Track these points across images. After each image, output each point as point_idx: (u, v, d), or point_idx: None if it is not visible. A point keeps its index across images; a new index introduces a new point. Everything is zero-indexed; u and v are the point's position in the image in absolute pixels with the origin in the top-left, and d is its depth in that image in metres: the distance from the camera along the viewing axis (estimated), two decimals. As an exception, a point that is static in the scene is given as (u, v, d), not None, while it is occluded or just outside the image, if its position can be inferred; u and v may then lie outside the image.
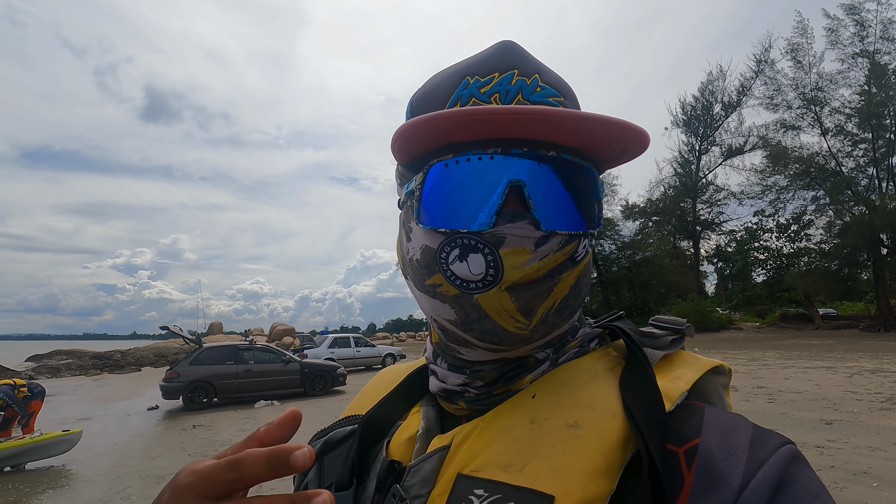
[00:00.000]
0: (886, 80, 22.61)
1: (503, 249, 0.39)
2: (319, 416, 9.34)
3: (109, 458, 6.79)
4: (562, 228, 0.41)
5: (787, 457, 0.36)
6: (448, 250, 0.41)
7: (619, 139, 0.40)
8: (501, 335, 0.41)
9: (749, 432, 0.38)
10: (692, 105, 33.92)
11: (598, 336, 0.51)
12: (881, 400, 7.67)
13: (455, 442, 0.43)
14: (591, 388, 0.43)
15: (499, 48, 0.45)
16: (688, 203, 34.33)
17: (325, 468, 0.52)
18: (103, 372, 23.23)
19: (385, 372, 0.62)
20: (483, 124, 0.38)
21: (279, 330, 33.96)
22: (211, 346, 12.20)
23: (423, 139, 0.41)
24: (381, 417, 0.51)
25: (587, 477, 0.36)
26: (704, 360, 0.46)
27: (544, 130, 0.38)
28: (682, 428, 0.39)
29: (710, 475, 0.35)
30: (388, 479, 0.44)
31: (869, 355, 13.99)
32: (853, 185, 24.36)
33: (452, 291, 0.42)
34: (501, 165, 0.40)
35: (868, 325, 23.21)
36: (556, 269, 0.41)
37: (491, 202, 0.40)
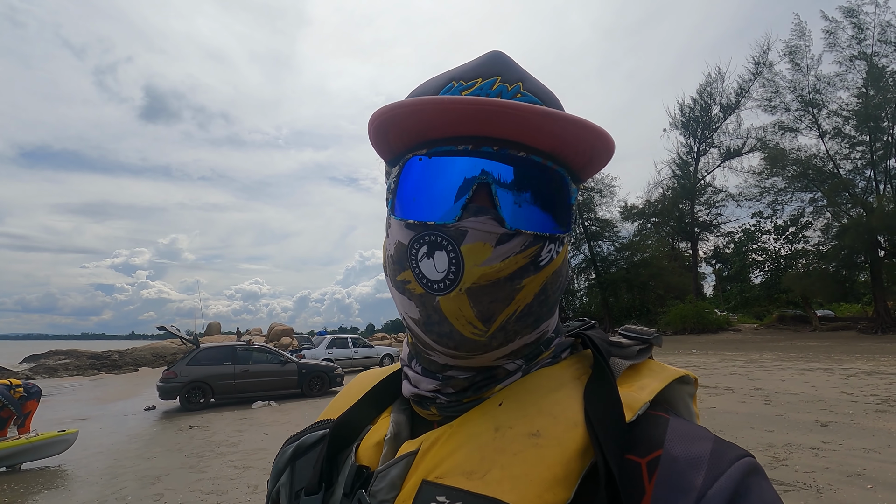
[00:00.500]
0: (884, 83, 22.66)
1: (464, 245, 0.40)
2: (316, 416, 9.28)
3: (105, 458, 6.78)
4: (527, 228, 0.41)
5: (745, 469, 0.36)
6: (417, 247, 0.42)
7: (584, 141, 0.40)
8: (458, 340, 0.41)
9: (710, 444, 0.38)
10: (690, 107, 34.02)
11: (570, 345, 0.51)
12: (877, 402, 7.68)
13: (423, 448, 0.43)
14: (556, 397, 0.43)
15: (486, 57, 0.46)
16: (686, 204, 34.38)
17: (296, 473, 0.52)
18: (101, 372, 23.20)
19: (361, 377, 0.62)
20: (451, 114, 0.39)
21: (277, 330, 33.94)
22: (208, 346, 12.19)
23: (396, 131, 0.42)
24: (352, 421, 0.51)
25: (545, 485, 0.37)
26: (671, 369, 0.46)
27: (510, 124, 0.39)
28: (645, 439, 0.39)
29: (670, 485, 0.36)
30: (356, 483, 0.45)
31: (866, 357, 14.02)
32: (851, 188, 24.40)
33: (419, 290, 0.42)
34: (471, 162, 0.41)
35: (865, 327, 23.24)
36: (517, 272, 0.41)
37: (458, 196, 0.41)
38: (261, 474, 5.64)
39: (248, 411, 10.45)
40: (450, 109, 0.38)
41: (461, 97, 0.38)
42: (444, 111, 0.39)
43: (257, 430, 8.27)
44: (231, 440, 7.54)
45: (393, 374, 0.56)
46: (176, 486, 5.35)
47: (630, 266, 32.53)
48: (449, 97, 0.38)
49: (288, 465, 0.53)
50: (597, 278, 33.95)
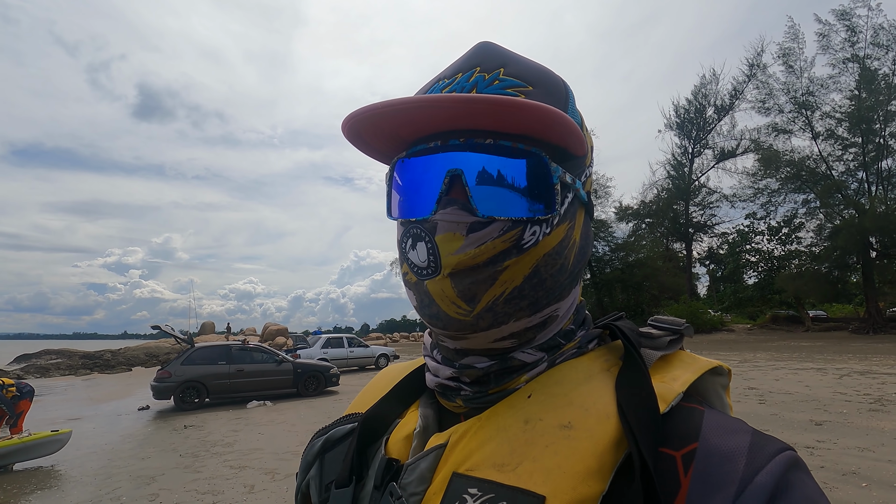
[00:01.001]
0: (876, 86, 22.89)
1: (438, 236, 0.41)
2: (312, 417, 9.31)
3: (99, 458, 6.73)
4: (501, 214, 0.41)
5: (786, 463, 0.35)
6: (405, 240, 0.44)
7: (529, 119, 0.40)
8: (445, 320, 0.43)
9: (748, 437, 0.37)
10: (685, 108, 34.21)
11: (597, 336, 0.51)
12: (870, 401, 7.76)
13: (451, 440, 0.43)
14: (586, 388, 0.43)
15: (471, 51, 0.47)
16: (680, 205, 34.57)
17: (325, 466, 0.53)
18: (93, 372, 23.01)
19: (386, 370, 0.62)
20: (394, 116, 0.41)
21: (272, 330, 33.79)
22: (203, 345, 12.12)
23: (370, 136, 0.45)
24: (381, 415, 0.51)
25: (578, 478, 0.36)
26: (703, 360, 0.45)
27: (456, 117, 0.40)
28: (679, 431, 0.38)
29: (707, 480, 0.35)
30: (386, 476, 0.45)
31: (858, 357, 14.15)
32: (843, 189, 24.63)
33: (413, 279, 0.44)
34: (441, 157, 0.42)
35: (857, 328, 23.48)
36: (496, 256, 0.41)
37: (433, 191, 0.42)
38: (257, 474, 5.61)
39: (243, 411, 10.40)
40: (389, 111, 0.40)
41: (391, 101, 0.39)
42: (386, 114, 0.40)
43: (253, 430, 8.23)
44: (226, 440, 7.50)
45: (419, 369, 0.56)
46: (171, 486, 5.31)
47: (625, 266, 32.66)
48: (378, 103, 0.40)
49: (317, 459, 0.54)
50: (592, 278, 34.04)
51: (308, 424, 8.55)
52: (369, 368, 19.38)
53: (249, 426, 8.64)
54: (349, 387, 13.69)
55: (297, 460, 6.15)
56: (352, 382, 14.73)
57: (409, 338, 51.02)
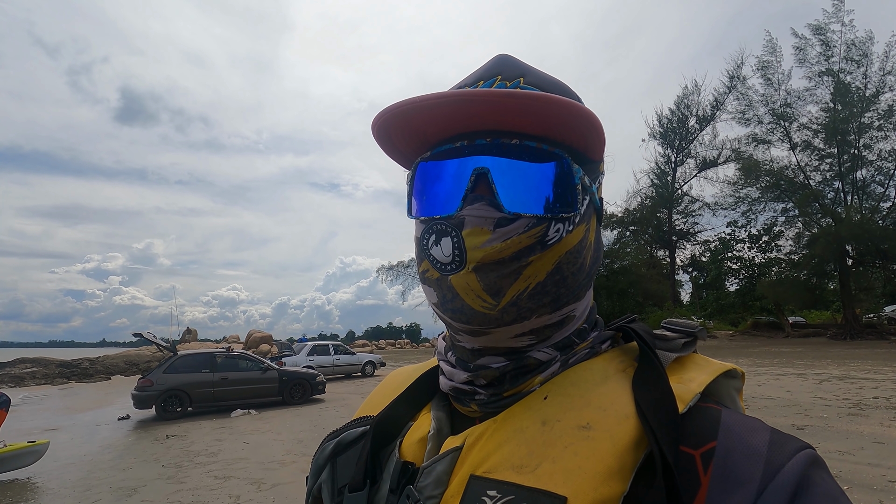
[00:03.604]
0: (850, 98, 23.59)
1: (465, 231, 0.42)
2: (298, 425, 9.18)
3: (78, 469, 6.54)
4: (526, 211, 0.42)
5: (806, 461, 0.35)
6: (427, 237, 0.45)
7: (563, 118, 0.41)
8: (469, 314, 0.43)
9: (767, 435, 0.37)
10: (668, 118, 34.87)
11: (610, 338, 0.51)
12: (849, 406, 7.93)
13: (467, 443, 0.43)
14: (603, 389, 0.43)
15: (491, 61, 0.49)
16: (664, 213, 35.11)
17: (337, 469, 0.52)
18: (70, 381, 22.41)
19: (397, 373, 0.62)
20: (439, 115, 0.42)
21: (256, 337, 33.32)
22: (186, 353, 11.90)
23: (397, 136, 0.46)
24: (393, 418, 0.51)
25: (599, 478, 0.36)
26: (717, 363, 0.46)
27: (489, 114, 0.41)
28: (697, 430, 0.39)
29: (727, 478, 0.35)
30: (402, 479, 0.45)
31: (836, 362, 14.46)
32: (820, 198, 25.27)
33: (435, 275, 0.45)
34: (468, 156, 0.43)
35: (835, 334, 24.02)
36: (522, 251, 0.42)
37: (459, 189, 0.43)
38: (242, 484, 5.51)
39: (227, 420, 10.22)
40: (423, 105, 0.41)
41: (433, 93, 0.40)
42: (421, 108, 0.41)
43: (238, 439, 8.09)
44: (210, 449, 7.36)
45: (430, 371, 0.56)
46: (154, 497, 5.19)
47: (610, 273, 32.96)
48: (422, 96, 0.41)
49: (329, 462, 0.53)
50: (577, 285, 34.10)
51: (294, 433, 8.44)
52: (356, 376, 19.19)
53: (234, 435, 8.49)
54: (335, 395, 13.55)
55: (284, 470, 6.07)
56: (338, 390, 14.57)
57: (396, 345, 50.66)
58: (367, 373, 19.30)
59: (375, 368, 19.78)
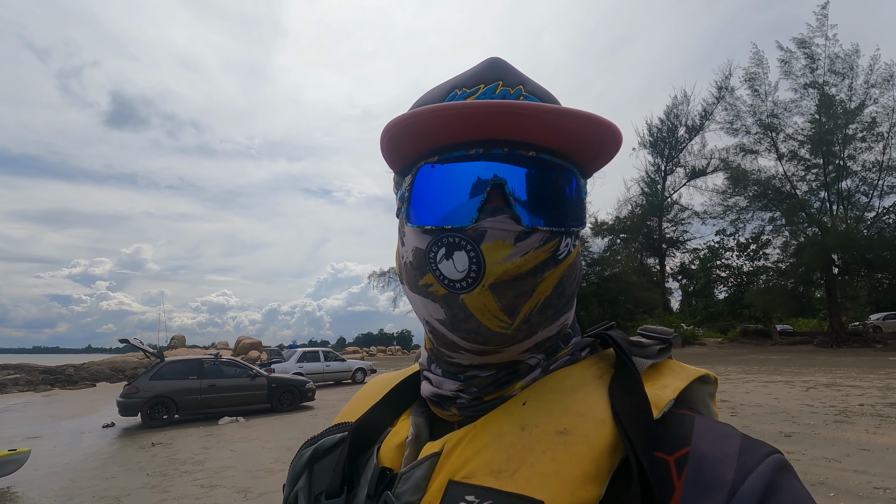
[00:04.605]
0: (834, 111, 24.06)
1: (484, 244, 0.40)
2: (287, 433, 9.08)
3: (60, 478, 6.41)
4: (543, 225, 0.42)
5: (775, 465, 0.37)
6: (436, 249, 0.42)
7: (592, 135, 0.41)
8: (486, 335, 0.42)
9: (738, 441, 0.39)
10: (658, 127, 35.29)
11: (589, 344, 0.52)
12: (835, 413, 8.01)
13: (446, 449, 0.43)
14: (581, 395, 0.43)
15: (486, 63, 0.48)
16: (654, 221, 35.45)
17: (315, 476, 0.52)
18: (54, 387, 21.99)
19: (376, 380, 0.62)
20: (460, 119, 0.40)
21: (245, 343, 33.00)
22: (173, 359, 11.75)
23: (408, 140, 0.43)
24: (372, 424, 0.51)
25: (576, 483, 0.37)
26: (691, 369, 0.47)
27: (519, 125, 0.40)
28: (672, 436, 0.39)
29: (700, 482, 0.36)
30: (380, 485, 0.44)
31: (823, 370, 14.62)
32: (807, 208, 25.66)
33: (441, 291, 0.42)
34: (483, 165, 0.42)
35: (821, 341, 24.30)
36: (538, 266, 0.41)
37: (474, 199, 0.42)
38: (229, 493, 5.43)
39: (214, 427, 10.08)
40: (463, 114, 0.39)
41: (474, 101, 0.39)
42: (457, 116, 0.39)
43: (225, 447, 7.98)
44: (197, 458, 7.25)
45: (410, 377, 0.56)
46: (138, 506, 5.09)
47: (601, 281, 33.14)
48: (462, 102, 0.39)
49: (306, 469, 0.53)
50: (568, 292, 34.24)
51: (283, 440, 8.34)
52: (346, 383, 19.06)
53: (221, 443, 8.38)
54: (325, 402, 13.43)
55: (271, 478, 5.99)
56: (328, 397, 14.45)
57: (387, 352, 50.44)
58: (357, 380, 19.17)
59: (366, 375, 19.65)
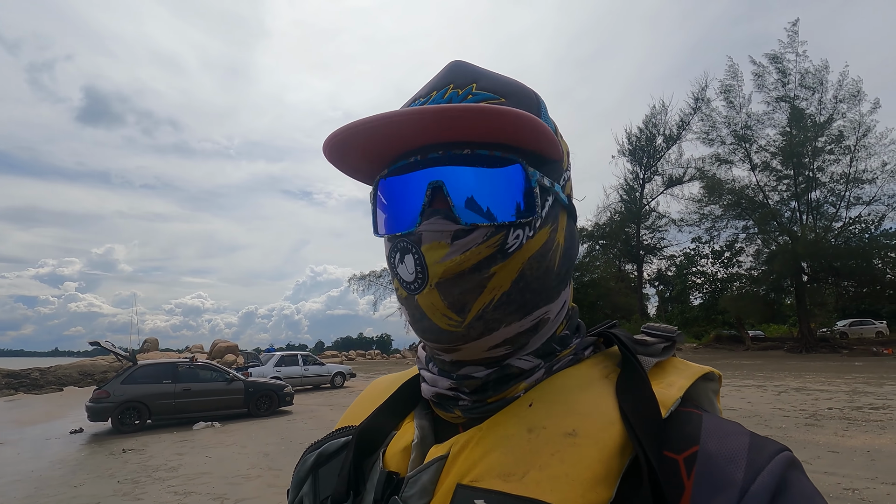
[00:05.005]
0: (804, 124, 24.95)
1: (423, 246, 0.42)
2: (265, 438, 8.91)
3: (25, 486, 6.15)
4: (483, 221, 0.41)
5: (785, 463, 0.37)
6: (394, 255, 0.45)
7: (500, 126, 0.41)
8: (437, 333, 0.43)
9: (747, 439, 0.38)
10: (637, 136, 36.02)
11: (592, 344, 0.51)
12: (805, 416, 8.26)
13: (453, 451, 0.43)
14: (587, 395, 0.43)
15: (445, 69, 0.49)
16: (632, 228, 36.10)
17: (319, 481, 0.51)
18: (18, 392, 21.14)
19: (378, 382, 0.61)
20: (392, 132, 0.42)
21: (221, 347, 32.31)
22: (146, 363, 11.43)
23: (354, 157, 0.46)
24: (376, 427, 0.50)
25: (586, 485, 0.37)
26: (695, 366, 0.47)
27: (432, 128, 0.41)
28: (680, 435, 0.39)
29: (710, 481, 0.36)
30: (387, 490, 0.44)
31: (793, 375, 15.06)
32: (778, 217, 26.49)
33: (404, 294, 0.45)
34: (422, 170, 0.43)
35: (791, 347, 25.07)
36: (482, 262, 0.41)
37: (416, 204, 0.43)
38: (204, 500, 5.29)
39: (188, 433, 9.82)
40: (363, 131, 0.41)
41: (364, 118, 0.40)
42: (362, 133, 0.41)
43: (200, 453, 7.77)
44: (170, 464, 7.05)
45: (412, 379, 0.56)
46: (108, 515, 4.92)
47: (580, 286, 33.55)
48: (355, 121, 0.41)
49: (310, 474, 0.52)
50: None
51: (260, 446, 8.18)
52: (324, 387, 18.82)
53: (196, 449, 8.16)
54: (304, 407, 13.23)
55: (249, 484, 5.86)
56: (306, 402, 14.24)
57: (366, 356, 49.96)
58: (336, 384, 18.94)
59: (345, 379, 19.44)
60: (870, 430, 7.07)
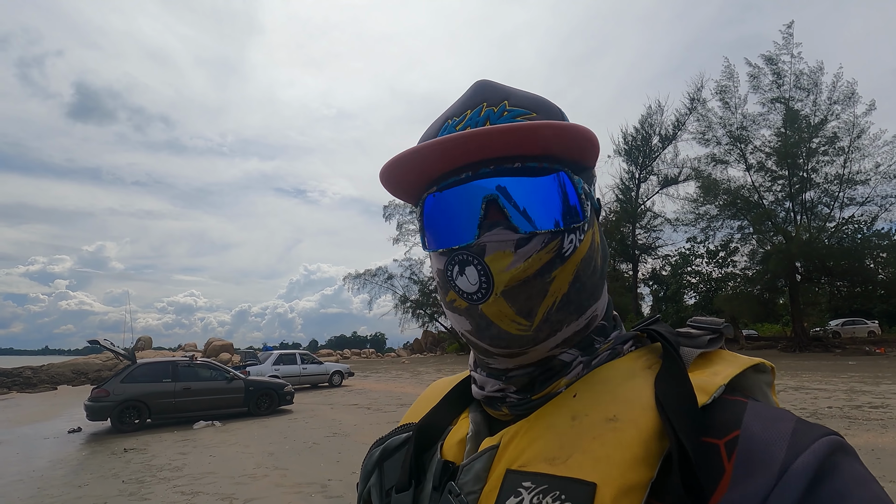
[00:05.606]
0: (799, 125, 25.16)
1: (487, 257, 0.44)
2: (267, 437, 8.87)
3: (27, 487, 6.08)
4: (540, 228, 0.45)
5: (831, 445, 0.36)
6: (451, 268, 0.47)
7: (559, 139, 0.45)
8: (507, 338, 0.45)
9: (792, 424, 0.38)
10: (633, 136, 36.13)
11: (632, 338, 0.53)
12: (806, 415, 8.33)
13: (503, 442, 0.46)
14: (629, 385, 0.45)
15: (472, 89, 0.52)
16: (628, 227, 36.24)
17: (385, 473, 0.56)
18: (11, 391, 20.89)
19: (436, 383, 0.67)
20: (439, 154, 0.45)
21: (216, 345, 32.20)
22: (145, 362, 11.34)
23: (403, 181, 0.49)
24: (434, 423, 0.55)
25: (626, 465, 0.38)
26: (745, 358, 0.47)
27: (487, 146, 0.44)
28: (722, 421, 0.40)
29: (750, 463, 0.36)
30: (444, 478, 0.48)
31: (790, 374, 15.21)
32: (773, 217, 26.69)
33: (463, 304, 0.47)
34: (475, 185, 0.46)
35: (785, 346, 25.31)
36: (544, 267, 0.44)
37: (473, 218, 0.45)
38: (212, 500, 5.25)
39: (189, 432, 9.76)
40: (425, 154, 0.44)
41: (431, 141, 0.44)
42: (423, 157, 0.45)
43: (203, 452, 7.72)
44: (174, 464, 6.99)
45: (465, 380, 0.60)
46: (116, 515, 4.87)
47: (576, 285, 33.66)
48: (423, 144, 0.44)
49: (376, 467, 0.57)
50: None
51: (263, 445, 8.14)
52: (322, 386, 18.75)
53: (199, 448, 8.11)
54: (303, 405, 13.17)
55: (256, 484, 5.83)
56: (305, 400, 14.18)
57: (361, 354, 49.83)
58: (334, 383, 18.88)
59: (343, 378, 19.39)
60: (871, 428, 7.15)
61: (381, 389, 16.80)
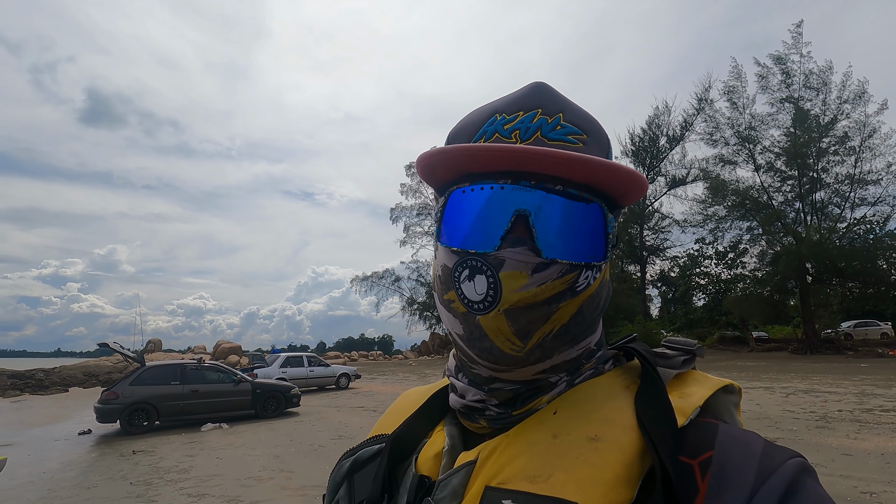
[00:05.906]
0: (808, 125, 24.88)
1: (502, 272, 0.43)
2: (273, 440, 8.92)
3: (37, 489, 6.17)
4: (562, 258, 0.43)
5: (797, 468, 0.38)
6: (461, 270, 0.45)
7: (616, 181, 0.44)
8: (497, 355, 0.45)
9: (761, 446, 0.40)
10: (640, 137, 35.94)
11: (612, 357, 0.54)
12: (815, 419, 8.23)
13: (481, 457, 0.45)
14: (610, 404, 0.45)
15: (529, 88, 0.49)
16: (636, 229, 36.02)
17: (355, 486, 0.54)
18: (24, 393, 21.19)
19: (409, 393, 0.65)
20: (484, 159, 0.43)
21: (224, 348, 32.40)
22: (154, 364, 11.46)
23: (440, 168, 0.47)
24: (408, 435, 0.53)
25: (609, 486, 0.39)
26: (715, 379, 0.49)
27: (542, 166, 0.42)
28: (696, 442, 0.41)
29: (723, 482, 0.38)
30: (420, 493, 0.46)
31: (800, 376, 15.03)
32: (782, 218, 26.39)
33: (461, 309, 0.46)
34: (510, 195, 0.44)
35: (796, 348, 24.98)
36: (554, 296, 0.44)
37: (498, 228, 0.44)
38: (217, 502, 5.30)
39: (197, 434, 9.84)
40: (483, 155, 0.43)
41: (497, 145, 0.42)
42: (478, 157, 0.43)
43: (210, 455, 7.79)
44: (181, 466, 7.06)
45: (441, 390, 0.58)
46: (123, 517, 4.93)
47: (583, 287, 33.48)
48: (486, 145, 0.42)
49: (346, 479, 0.55)
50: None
51: (269, 447, 8.19)
52: (329, 388, 18.82)
53: (206, 450, 8.18)
54: (310, 408, 13.23)
55: (262, 486, 5.87)
56: (312, 403, 14.24)
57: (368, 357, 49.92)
58: (341, 385, 18.93)
59: (350, 381, 19.43)
60: (882, 432, 7.04)
61: (387, 392, 16.82)
